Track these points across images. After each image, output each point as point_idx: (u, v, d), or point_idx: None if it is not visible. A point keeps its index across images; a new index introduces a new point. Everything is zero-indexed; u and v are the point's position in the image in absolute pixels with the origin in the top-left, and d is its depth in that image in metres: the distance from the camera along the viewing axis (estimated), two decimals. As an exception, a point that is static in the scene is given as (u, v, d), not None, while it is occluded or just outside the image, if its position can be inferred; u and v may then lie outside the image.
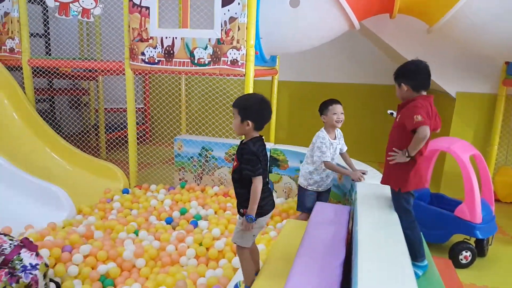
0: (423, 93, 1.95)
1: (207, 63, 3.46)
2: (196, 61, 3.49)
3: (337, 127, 2.79)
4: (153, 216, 3.27)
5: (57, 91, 5.52)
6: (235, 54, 3.36)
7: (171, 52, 3.54)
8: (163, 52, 3.56)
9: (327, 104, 2.75)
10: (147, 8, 3.52)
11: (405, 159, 1.92)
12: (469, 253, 2.86)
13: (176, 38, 3.50)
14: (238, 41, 3.33)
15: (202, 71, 3.51)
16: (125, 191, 3.78)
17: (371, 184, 2.54)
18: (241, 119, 1.77)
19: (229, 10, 3.29)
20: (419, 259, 2.01)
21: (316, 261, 1.74)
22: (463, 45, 3.74)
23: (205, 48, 3.43)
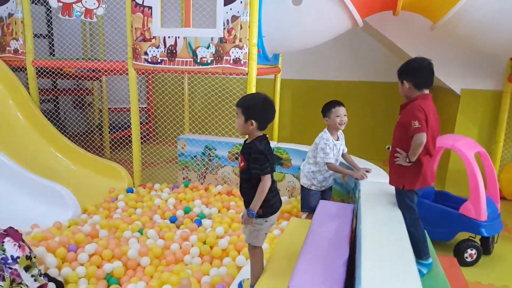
0: (425, 91, 1.94)
1: (209, 62, 3.46)
2: (198, 60, 3.49)
3: (340, 129, 2.78)
4: (157, 215, 3.28)
5: (61, 91, 5.55)
6: (237, 53, 3.36)
7: (174, 51, 3.54)
8: (166, 51, 3.57)
9: (329, 106, 2.73)
10: (150, 7, 3.52)
11: (406, 163, 1.94)
12: (474, 251, 2.84)
13: (178, 37, 3.51)
14: (240, 40, 3.33)
15: (204, 70, 3.51)
16: (130, 190, 3.80)
17: (375, 182, 2.53)
18: (245, 118, 1.78)
19: (231, 8, 3.29)
20: (424, 257, 2.01)
21: (319, 259, 1.74)
22: (468, 41, 3.70)
23: (208, 47, 3.44)
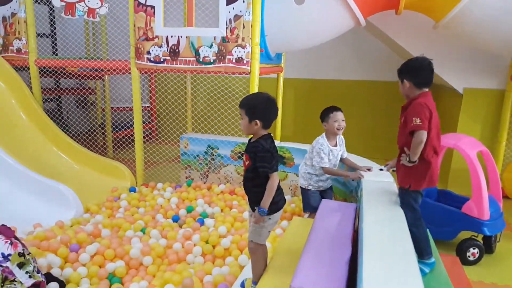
0: (425, 90, 1.95)
1: (212, 61, 3.46)
2: (201, 60, 3.49)
3: (338, 134, 2.79)
4: (160, 214, 3.29)
5: (64, 90, 5.57)
6: (240, 52, 3.36)
7: (177, 50, 3.55)
8: (169, 51, 3.57)
9: (328, 111, 2.75)
10: (152, 7, 3.53)
11: (408, 164, 1.93)
12: (476, 250, 2.84)
13: (181, 36, 3.51)
14: (243, 39, 3.33)
15: (207, 69, 3.51)
16: (132, 190, 3.81)
17: (377, 181, 2.53)
18: (249, 119, 1.79)
19: (234, 8, 3.29)
20: (426, 257, 2.01)
21: (322, 257, 1.74)
22: (470, 40, 3.69)
23: (210, 46, 3.44)
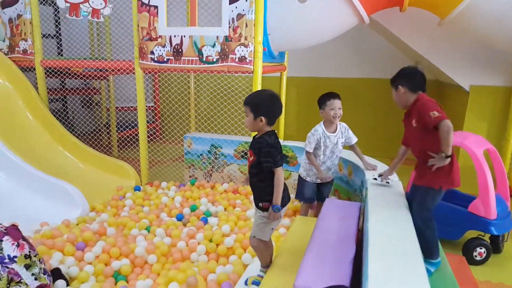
0: (420, 93, 1.95)
1: (215, 60, 3.46)
2: (204, 59, 3.49)
3: (334, 122, 2.74)
4: (164, 213, 3.30)
5: (69, 90, 5.61)
6: (243, 51, 3.35)
7: (180, 50, 3.55)
8: (172, 50, 3.58)
9: (325, 98, 2.70)
10: (156, 7, 3.54)
11: (445, 161, 1.83)
12: (483, 250, 2.81)
13: (184, 36, 3.52)
14: (246, 38, 3.32)
15: (210, 68, 3.51)
16: (137, 189, 3.83)
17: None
18: (254, 116, 1.81)
19: (236, 7, 3.28)
20: (432, 257, 1.99)
21: (326, 256, 1.73)
22: (476, 37, 3.65)
23: (213, 45, 3.44)
